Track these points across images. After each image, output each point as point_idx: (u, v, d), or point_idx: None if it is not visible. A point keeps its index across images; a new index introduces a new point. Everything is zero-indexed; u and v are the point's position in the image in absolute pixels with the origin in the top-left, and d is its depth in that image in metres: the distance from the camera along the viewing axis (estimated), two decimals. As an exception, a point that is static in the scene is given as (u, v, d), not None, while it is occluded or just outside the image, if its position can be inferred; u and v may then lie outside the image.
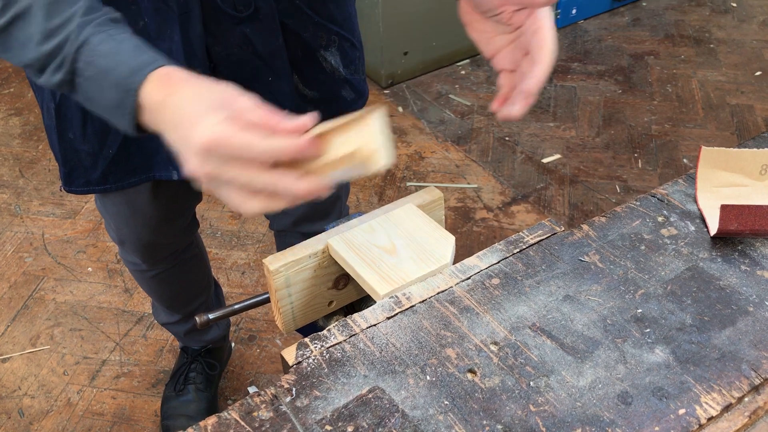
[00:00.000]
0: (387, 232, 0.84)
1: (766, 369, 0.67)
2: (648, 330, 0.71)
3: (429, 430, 0.63)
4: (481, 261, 0.80)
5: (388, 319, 0.74)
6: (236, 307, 0.90)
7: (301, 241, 0.83)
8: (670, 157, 2.54)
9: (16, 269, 2.19)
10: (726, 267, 0.78)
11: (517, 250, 0.81)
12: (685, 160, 2.51)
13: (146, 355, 1.92)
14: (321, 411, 0.65)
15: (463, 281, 0.78)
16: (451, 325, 0.73)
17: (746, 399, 0.66)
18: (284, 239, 1.40)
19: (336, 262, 0.83)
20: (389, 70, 2.96)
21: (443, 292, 0.77)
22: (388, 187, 2.46)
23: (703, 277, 0.77)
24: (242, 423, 0.65)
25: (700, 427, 0.63)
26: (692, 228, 0.84)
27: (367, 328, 0.73)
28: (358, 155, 0.67)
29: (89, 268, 2.18)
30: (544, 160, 2.55)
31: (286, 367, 0.71)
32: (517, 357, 0.69)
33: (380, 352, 0.70)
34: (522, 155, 2.58)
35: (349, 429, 0.64)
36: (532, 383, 0.67)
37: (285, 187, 0.62)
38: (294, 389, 0.67)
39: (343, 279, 0.86)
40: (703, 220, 0.84)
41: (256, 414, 0.65)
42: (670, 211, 0.86)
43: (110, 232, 1.32)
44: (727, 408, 0.64)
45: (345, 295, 0.88)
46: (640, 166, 2.50)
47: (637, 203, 0.88)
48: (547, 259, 0.80)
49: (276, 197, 0.63)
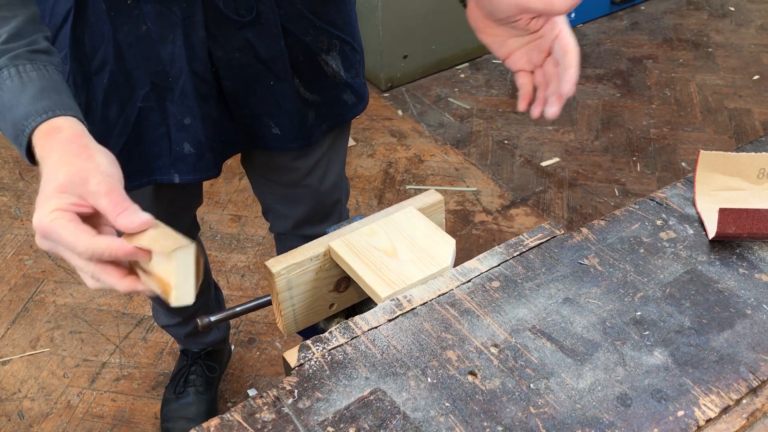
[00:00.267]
0: (388, 235, 0.84)
1: (764, 371, 0.68)
2: (647, 332, 0.72)
3: (430, 431, 0.64)
4: (481, 264, 0.81)
5: (390, 321, 0.74)
6: (238, 309, 0.90)
7: (302, 244, 0.84)
8: (669, 160, 2.55)
9: (16, 272, 2.19)
10: (724, 270, 0.79)
11: (517, 253, 0.82)
12: (684, 164, 2.52)
13: (146, 358, 1.92)
14: (323, 413, 0.66)
15: (464, 284, 0.78)
16: (452, 328, 0.73)
17: (744, 401, 0.66)
18: (285, 242, 1.40)
19: (337, 265, 0.84)
20: (389, 73, 2.96)
21: (444, 294, 0.77)
22: (388, 190, 2.46)
23: (701, 280, 0.78)
24: (245, 425, 0.65)
25: (699, 428, 0.63)
26: (691, 231, 0.84)
27: (369, 331, 0.73)
28: (162, 283, 0.68)
29: (89, 271, 2.19)
30: (543, 164, 2.56)
31: (288, 369, 0.71)
32: (518, 359, 0.70)
33: (381, 354, 0.71)
34: (521, 158, 2.59)
35: (351, 430, 0.64)
36: (532, 385, 0.67)
37: (107, 281, 0.66)
38: (296, 391, 0.68)
39: (344, 281, 0.87)
40: (702, 224, 0.85)
41: (258, 416, 0.66)
42: (668, 214, 0.87)
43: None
44: (726, 410, 0.65)
45: (346, 297, 0.89)
46: (639, 169, 2.51)
47: (636, 207, 0.88)
48: (546, 262, 0.81)
49: (106, 284, 0.66)
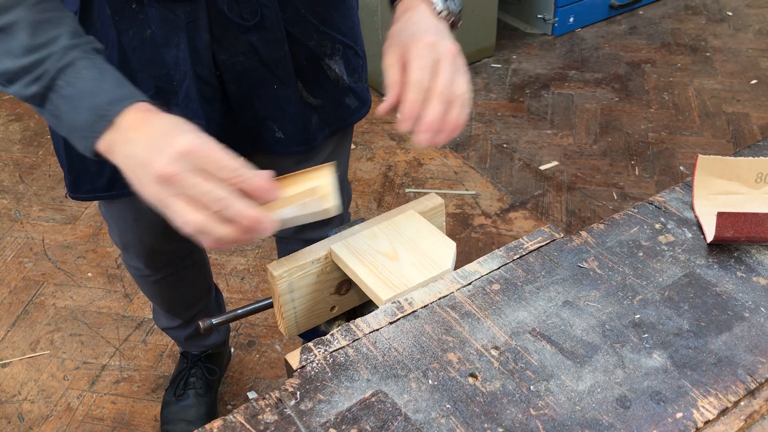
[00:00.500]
0: (389, 238, 0.85)
1: (762, 374, 0.68)
2: (646, 335, 0.73)
3: (431, 433, 0.64)
4: (481, 267, 0.82)
5: (391, 324, 0.75)
6: (239, 311, 0.91)
7: (303, 248, 0.84)
8: (667, 164, 2.55)
9: (16, 274, 2.20)
10: (722, 273, 0.80)
11: (517, 256, 0.83)
12: (682, 168, 2.53)
13: (146, 360, 1.92)
14: (325, 414, 0.66)
15: (464, 287, 0.79)
16: (453, 330, 0.74)
17: (742, 403, 0.67)
18: (286, 246, 1.40)
19: (339, 268, 0.85)
20: (388, 77, 2.97)
21: (445, 297, 0.78)
22: (387, 193, 2.47)
23: (699, 283, 0.78)
24: (247, 426, 0.66)
25: (697, 430, 0.64)
26: (689, 235, 0.85)
27: (370, 333, 0.74)
28: (311, 194, 0.75)
29: (89, 274, 2.19)
30: (542, 167, 2.56)
31: (290, 371, 0.72)
32: (518, 361, 0.70)
33: (383, 357, 0.71)
34: (520, 162, 2.59)
35: (353, 432, 0.65)
36: (532, 387, 0.68)
37: (237, 209, 0.67)
38: (298, 393, 0.68)
39: (346, 284, 0.88)
40: (700, 228, 0.86)
41: (261, 417, 0.66)
42: (667, 218, 0.88)
43: (113, 237, 1.33)
44: (724, 412, 0.66)
45: (347, 300, 0.90)
46: (637, 173, 2.52)
47: (635, 210, 0.89)
48: (546, 266, 0.81)
49: (221, 219, 0.68)
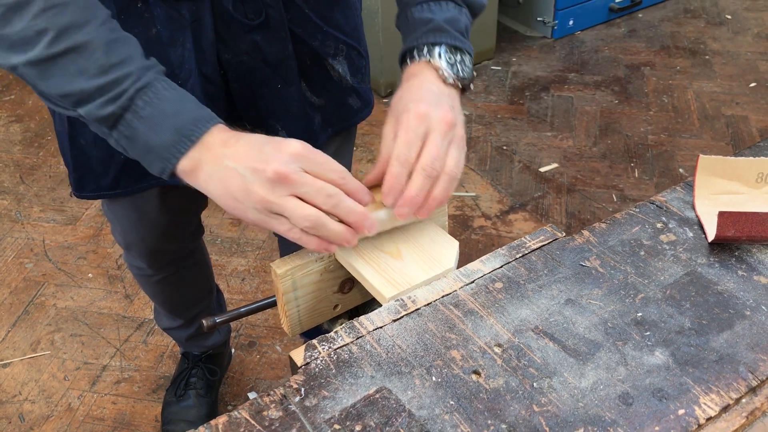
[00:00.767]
0: (392, 237, 0.85)
1: (763, 371, 0.69)
2: (648, 333, 0.73)
3: (435, 429, 0.64)
4: (484, 265, 0.82)
5: (394, 321, 0.75)
6: (242, 310, 0.91)
7: (307, 246, 0.85)
8: (666, 166, 2.56)
9: (17, 275, 2.20)
10: (723, 272, 0.80)
11: (520, 255, 0.83)
12: (681, 170, 2.54)
13: (147, 361, 1.92)
14: (329, 410, 0.67)
15: (467, 285, 0.79)
16: (456, 328, 0.74)
17: (744, 400, 0.67)
18: (288, 244, 1.41)
19: (342, 266, 0.85)
20: (389, 78, 2.98)
21: (448, 295, 0.78)
22: (387, 195, 2.47)
23: (701, 282, 0.79)
24: (252, 422, 0.66)
25: (699, 427, 0.64)
26: (690, 234, 0.85)
27: (374, 330, 0.74)
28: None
29: (90, 274, 2.19)
30: (542, 169, 2.57)
31: (294, 368, 0.72)
32: (521, 359, 0.71)
33: (387, 354, 0.72)
34: (520, 164, 2.60)
35: (357, 428, 0.65)
36: (535, 384, 0.68)
37: (348, 205, 0.74)
38: (303, 389, 0.68)
39: (349, 283, 0.88)
40: (701, 227, 0.86)
41: (266, 413, 0.67)
42: (668, 217, 0.88)
43: (116, 236, 1.34)
44: (726, 409, 0.66)
45: (350, 298, 0.90)
46: (637, 175, 2.53)
47: (637, 210, 0.89)
48: (549, 264, 0.82)
49: (323, 219, 0.73)
